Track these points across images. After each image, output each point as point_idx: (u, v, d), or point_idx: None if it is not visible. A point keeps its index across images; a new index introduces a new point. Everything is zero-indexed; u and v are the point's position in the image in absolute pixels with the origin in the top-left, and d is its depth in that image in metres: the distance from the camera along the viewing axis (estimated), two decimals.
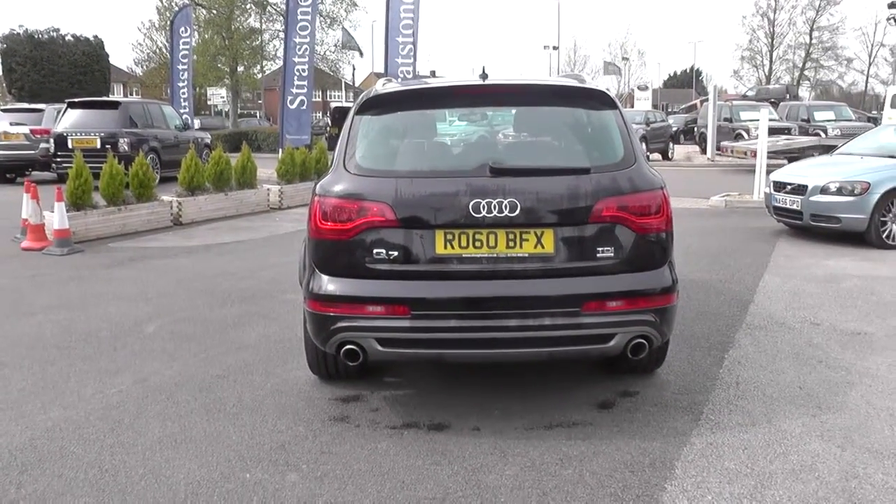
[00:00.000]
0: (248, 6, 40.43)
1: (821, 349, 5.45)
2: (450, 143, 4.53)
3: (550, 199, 3.83)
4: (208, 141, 18.81)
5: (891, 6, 37.44)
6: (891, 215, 9.46)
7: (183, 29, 20.07)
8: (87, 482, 3.49)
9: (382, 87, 4.32)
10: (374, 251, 3.80)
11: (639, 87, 43.88)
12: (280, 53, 41.60)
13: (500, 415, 4.21)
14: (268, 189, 12.94)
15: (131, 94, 50.23)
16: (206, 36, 37.26)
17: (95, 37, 36.51)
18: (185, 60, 20.20)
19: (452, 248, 3.79)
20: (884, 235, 9.44)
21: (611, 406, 4.36)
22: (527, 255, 3.81)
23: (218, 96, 37.40)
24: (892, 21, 41.48)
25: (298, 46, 17.02)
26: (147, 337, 5.78)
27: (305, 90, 17.26)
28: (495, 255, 3.80)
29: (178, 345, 5.55)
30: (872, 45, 66.88)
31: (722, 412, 4.31)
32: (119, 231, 10.31)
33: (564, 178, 3.87)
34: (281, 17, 38.97)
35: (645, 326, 3.93)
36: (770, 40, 67.18)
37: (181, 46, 20.04)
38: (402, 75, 17.41)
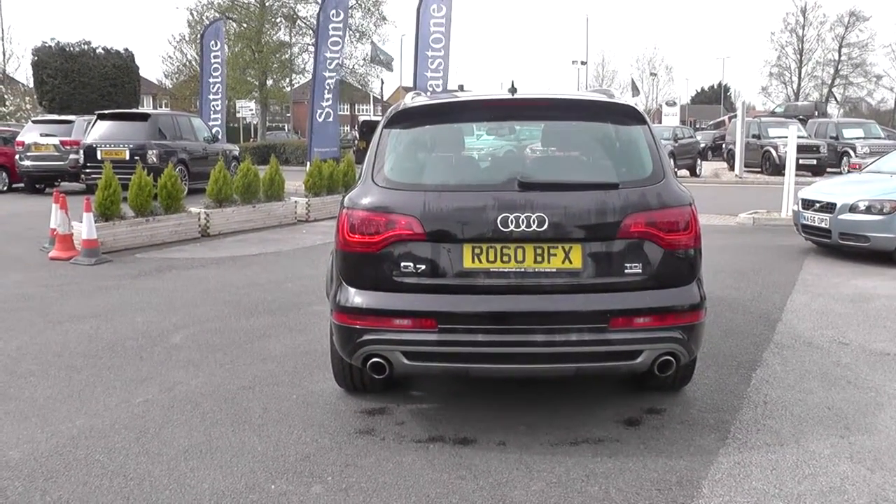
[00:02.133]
0: (278, 20, 40.92)
1: (849, 369, 5.36)
2: (478, 156, 4.54)
3: (579, 214, 3.82)
4: (237, 153, 18.99)
5: None
6: None
7: (213, 42, 20.30)
8: (111, 490, 3.51)
9: (411, 100, 4.34)
10: (402, 264, 3.81)
11: (667, 103, 43.74)
12: (309, 67, 42.15)
13: (525, 430, 4.18)
14: (295, 201, 13.03)
15: (160, 107, 50.89)
16: (237, 49, 37.71)
17: (126, 50, 36.92)
18: (217, 73, 20.41)
19: (480, 262, 3.79)
20: None
21: (637, 423, 4.32)
22: (554, 269, 3.80)
23: (247, 109, 37.76)
24: None
25: (329, 61, 17.15)
26: (173, 347, 5.82)
27: (331, 103, 17.40)
28: (523, 270, 3.79)
29: (204, 355, 5.58)
30: None
31: (749, 431, 4.25)
32: (147, 242, 10.42)
33: (593, 193, 3.87)
34: (311, 31, 39.42)
35: (672, 343, 3.90)
36: (799, 56, 66.98)
37: (212, 60, 20.27)
38: (431, 89, 17.51)
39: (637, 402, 4.61)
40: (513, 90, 4.27)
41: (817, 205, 10.05)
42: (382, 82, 51.94)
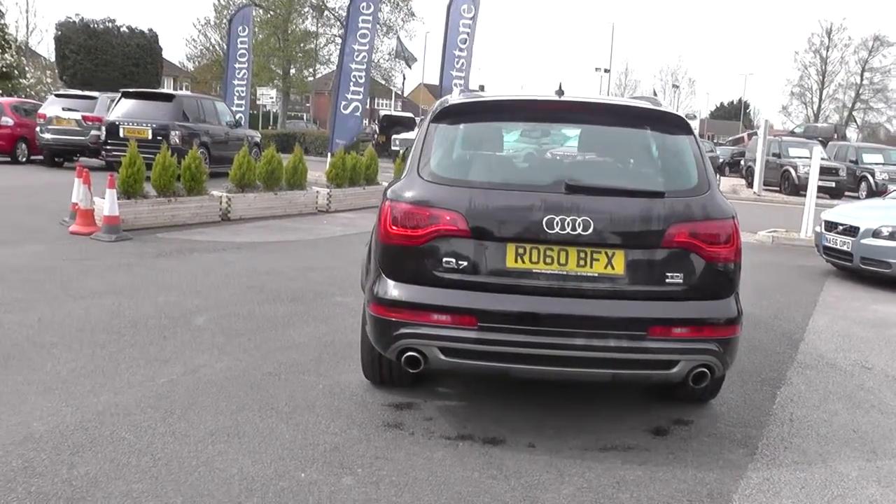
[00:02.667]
0: (305, 9, 40.89)
1: (873, 394, 5.32)
2: (524, 156, 4.51)
3: (624, 220, 3.80)
4: (258, 139, 18.98)
5: None
6: None
7: (241, 28, 20.31)
8: (139, 469, 3.49)
9: (458, 96, 4.33)
10: (444, 259, 3.79)
11: (687, 116, 43.59)
12: (334, 58, 42.18)
13: (553, 433, 4.15)
14: (317, 191, 13.01)
15: (181, 89, 50.96)
16: (262, 36, 37.73)
17: (150, 30, 37.03)
18: (243, 59, 20.41)
19: (523, 262, 3.77)
20: None
21: (664, 433, 4.29)
22: (596, 274, 3.78)
23: (267, 97, 37.71)
24: None
25: (357, 53, 17.15)
26: (196, 329, 5.81)
27: (360, 96, 17.40)
28: (565, 273, 3.77)
29: (228, 339, 5.57)
30: None
31: (777, 448, 4.22)
32: (168, 222, 10.42)
33: (639, 201, 3.85)
34: (338, 23, 39.43)
35: (709, 356, 3.87)
36: (821, 78, 66.92)
37: (238, 45, 20.27)
38: (456, 87, 17.54)
39: (664, 411, 4.59)
40: (560, 92, 4.25)
41: (840, 227, 10.00)
42: (404, 78, 51.98)
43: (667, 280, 3.82)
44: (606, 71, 55.39)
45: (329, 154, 15.38)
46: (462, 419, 4.28)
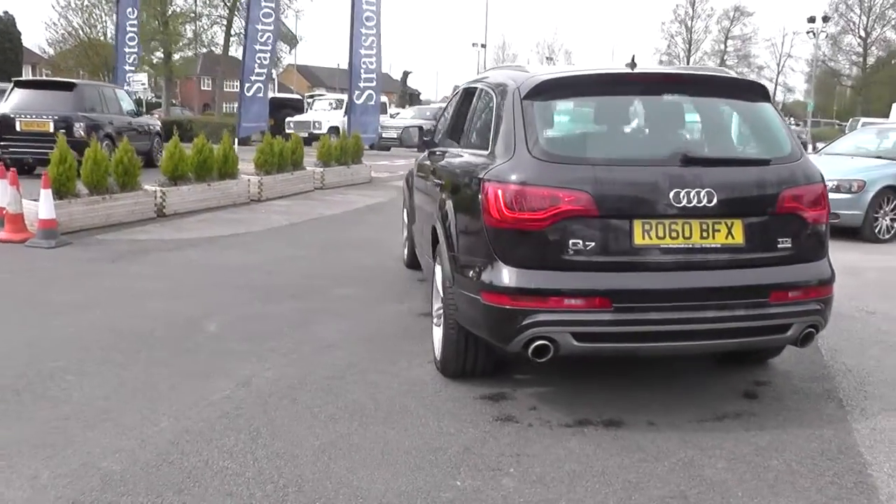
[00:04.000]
0: None
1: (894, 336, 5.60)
2: (633, 130, 4.39)
3: (741, 189, 3.81)
4: (159, 128, 17.85)
5: (810, 20, 40.89)
6: (882, 212, 10.05)
7: (130, 10, 18.99)
8: (274, 498, 3.15)
9: (547, 71, 4.17)
10: (571, 241, 3.63)
11: None
12: (218, 40, 40.29)
13: (661, 409, 4.09)
14: (248, 180, 12.38)
15: (41, 76, 47.40)
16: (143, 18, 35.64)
17: (6, 13, 34.22)
18: (133, 43, 19.14)
19: (650, 238, 3.67)
20: (876, 231, 10.05)
21: (755, 396, 4.34)
22: (719, 245, 3.74)
23: (138, 83, 35.53)
24: (811, 34, 44.44)
25: (261, 34, 16.39)
26: (213, 336, 5.36)
27: (263, 78, 16.70)
28: (690, 246, 3.70)
29: (255, 344, 5.15)
30: (781, 56, 71.22)
31: (859, 398, 4.38)
32: (103, 222, 9.61)
33: (751, 169, 3.89)
34: (222, 2, 37.64)
35: (816, 316, 3.95)
36: (688, 46, 70.67)
37: (128, 29, 18.97)
38: (364, 66, 17.14)
39: (738, 376, 4.65)
40: (633, 65, 4.16)
41: None
42: (279, 60, 50.32)
43: (778, 245, 3.85)
44: (483, 46, 55.91)
45: (234, 140, 14.41)
46: (564, 405, 4.13)
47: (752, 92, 4.27)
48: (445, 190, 4.58)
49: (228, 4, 37.27)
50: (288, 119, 27.37)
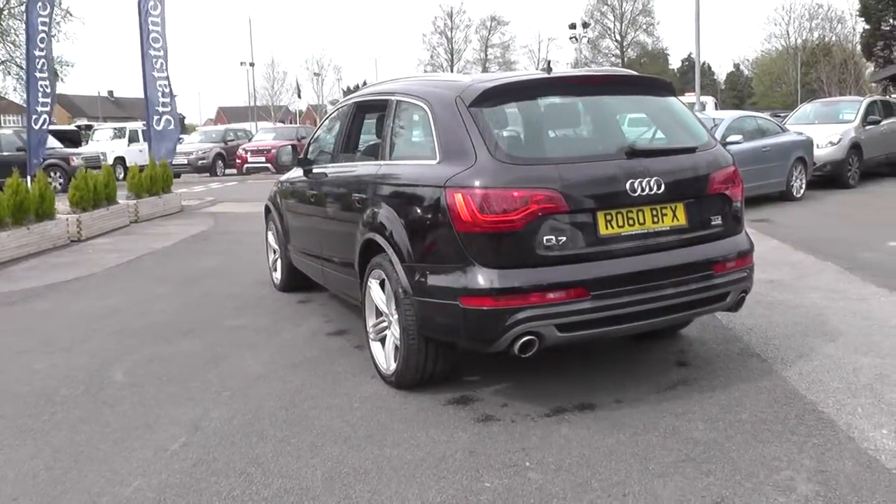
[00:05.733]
0: None
1: (787, 291, 6.37)
2: (578, 130, 4.61)
3: (681, 175, 4.19)
4: None
5: (571, 27, 44.78)
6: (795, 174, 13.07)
7: None
8: None
9: (481, 80, 4.32)
10: (545, 238, 3.79)
11: (330, 102, 46.03)
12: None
13: (616, 388, 4.36)
14: (66, 219, 11.37)
15: None
16: None
17: None
18: None
19: (612, 227, 3.94)
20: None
21: (688, 364, 4.76)
22: (668, 228, 4.10)
23: None
24: (573, 39, 48.31)
25: (37, 60, 15.17)
26: (127, 385, 4.86)
27: (49, 108, 15.49)
28: (645, 231, 4.03)
29: (177, 386, 4.79)
30: (539, 62, 75.82)
31: (771, 350, 4.93)
32: None
33: (684, 157, 4.30)
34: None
35: (746, 282, 4.43)
36: (450, 56, 74.30)
37: None
38: (160, 90, 16.38)
39: (660, 349, 5.07)
40: (548, 70, 4.51)
41: None
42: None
43: (712, 223, 4.29)
44: (252, 65, 55.27)
45: (30, 176, 12.94)
46: (531, 397, 4.26)
47: (664, 88, 4.74)
48: (378, 202, 4.57)
49: (27, 30, 33.94)
50: (73, 152, 25.42)
